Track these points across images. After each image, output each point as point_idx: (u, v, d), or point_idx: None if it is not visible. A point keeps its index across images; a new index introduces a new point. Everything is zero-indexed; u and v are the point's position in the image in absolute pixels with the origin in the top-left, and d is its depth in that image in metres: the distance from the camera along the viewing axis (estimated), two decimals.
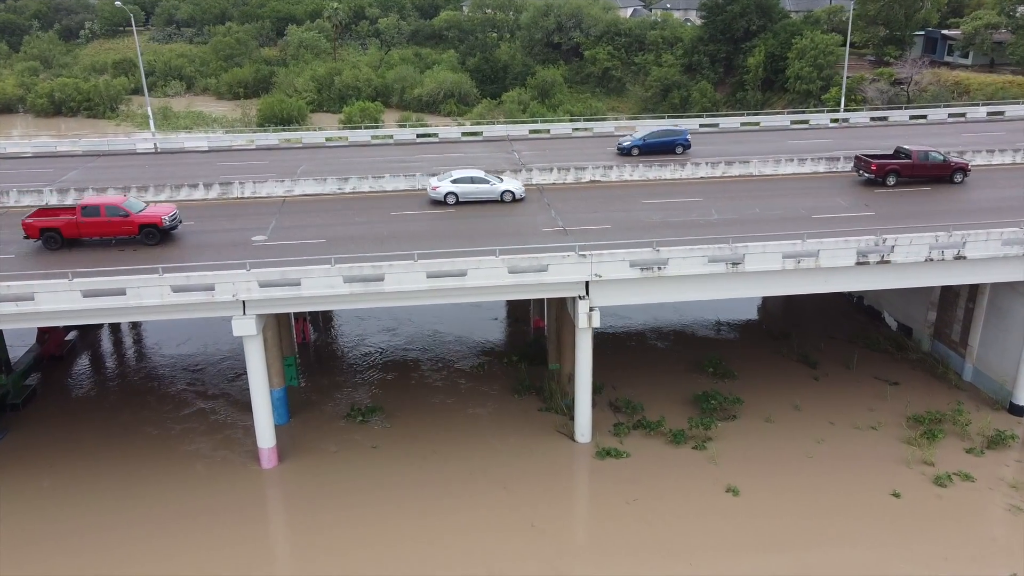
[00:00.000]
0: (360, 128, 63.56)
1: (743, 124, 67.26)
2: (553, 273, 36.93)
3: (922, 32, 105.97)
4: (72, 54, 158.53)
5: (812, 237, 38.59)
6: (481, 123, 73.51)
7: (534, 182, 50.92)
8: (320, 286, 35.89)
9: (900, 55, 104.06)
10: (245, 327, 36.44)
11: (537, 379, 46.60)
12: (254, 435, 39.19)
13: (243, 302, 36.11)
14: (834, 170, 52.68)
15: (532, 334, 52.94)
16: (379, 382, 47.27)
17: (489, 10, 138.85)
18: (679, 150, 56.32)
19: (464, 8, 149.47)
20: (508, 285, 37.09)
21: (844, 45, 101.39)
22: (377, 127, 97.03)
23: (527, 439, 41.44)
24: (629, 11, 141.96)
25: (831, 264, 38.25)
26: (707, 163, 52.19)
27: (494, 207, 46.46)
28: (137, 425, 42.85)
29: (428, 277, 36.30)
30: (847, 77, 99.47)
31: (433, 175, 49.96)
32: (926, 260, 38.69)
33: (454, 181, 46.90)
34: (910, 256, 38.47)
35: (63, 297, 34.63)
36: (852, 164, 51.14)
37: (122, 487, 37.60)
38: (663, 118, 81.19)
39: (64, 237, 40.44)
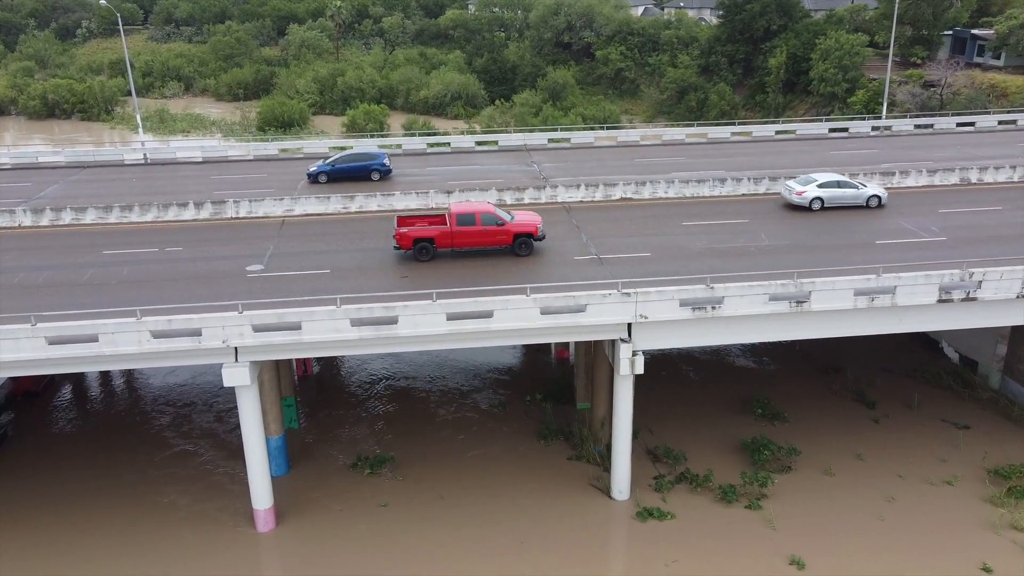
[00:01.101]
0: (365, 136, 58.45)
1: (777, 132, 61.96)
2: (592, 314, 31.69)
3: (950, 32, 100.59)
4: (68, 54, 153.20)
5: (887, 270, 33.40)
6: (496, 131, 68.35)
7: (559, 200, 45.67)
8: (324, 330, 30.67)
9: (927, 56, 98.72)
10: (237, 376, 31.26)
11: (564, 419, 41.41)
12: (248, 488, 33.97)
13: (235, 348, 30.92)
14: (888, 185, 47.40)
15: (556, 366, 47.68)
16: (387, 419, 41.99)
17: (496, 9, 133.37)
18: (375, 176, 50.03)
19: (470, 7, 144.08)
20: (540, 328, 31.88)
21: (871, 45, 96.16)
22: (384, 134, 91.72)
23: (557, 494, 36.22)
24: (640, 10, 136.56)
25: (909, 302, 33.02)
26: (749, 178, 46.90)
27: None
28: (117, 473, 37.57)
29: (448, 319, 31.09)
30: (873, 79, 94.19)
31: (448, 192, 44.75)
32: (1018, 296, 33.45)
33: (821, 185, 43.78)
34: (1000, 292, 33.24)
35: (25, 345, 29.44)
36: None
37: (95, 556, 32.40)
38: (693, 125, 75.88)
39: (437, 248, 37.37)
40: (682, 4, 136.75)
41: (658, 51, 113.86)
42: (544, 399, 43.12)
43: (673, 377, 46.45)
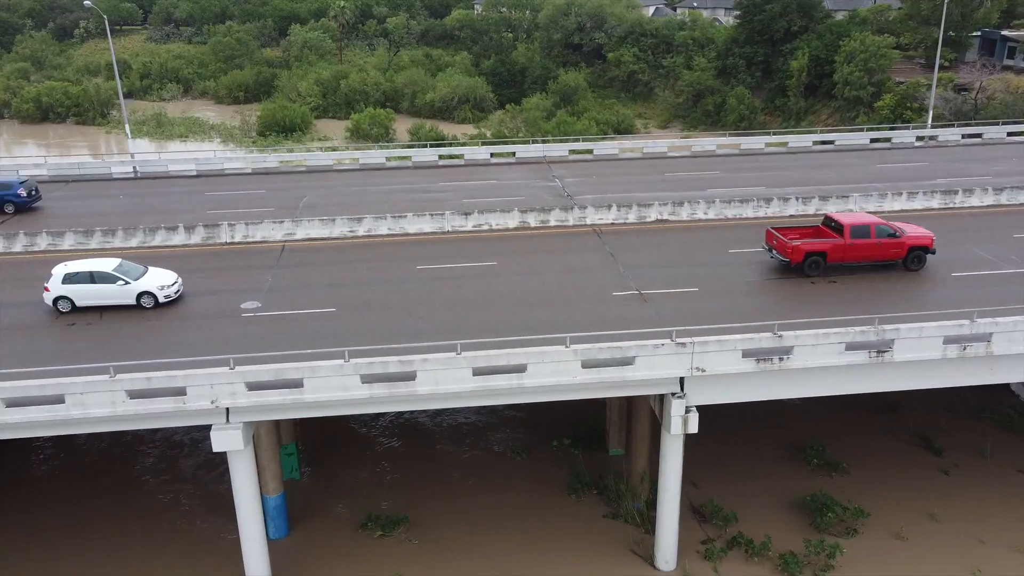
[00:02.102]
0: (372, 148, 53.66)
1: (815, 143, 57.14)
2: (641, 368, 26.95)
3: (978, 33, 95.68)
4: (66, 54, 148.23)
5: (966, 305, 28.69)
6: (512, 141, 63.27)
7: (588, 222, 40.89)
8: (330, 388, 25.94)
9: (955, 58, 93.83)
10: (228, 440, 26.57)
11: (595, 468, 36.65)
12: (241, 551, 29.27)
13: (226, 408, 26.21)
14: (950, 205, 42.64)
15: (582, 403, 42.83)
16: (398, 462, 37.09)
17: (504, 9, 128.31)
18: (9, 208, 43.42)
19: (477, 7, 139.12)
20: (581, 384, 27.15)
21: (903, 48, 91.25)
22: (390, 143, 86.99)
23: (592, 560, 31.50)
24: (651, 10, 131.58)
25: (1007, 351, 28.28)
26: (798, 199, 42.11)
27: (564, 256, 36.51)
28: (89, 527, 32.82)
29: (475, 375, 26.37)
30: (900, 83, 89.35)
31: (466, 214, 40.07)
32: None
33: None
34: None
35: None
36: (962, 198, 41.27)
37: None
38: (725, 134, 71.00)
39: (828, 262, 34.08)
40: (695, 4, 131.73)
41: (672, 53, 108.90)
42: (572, 444, 38.35)
43: (714, 417, 41.65)
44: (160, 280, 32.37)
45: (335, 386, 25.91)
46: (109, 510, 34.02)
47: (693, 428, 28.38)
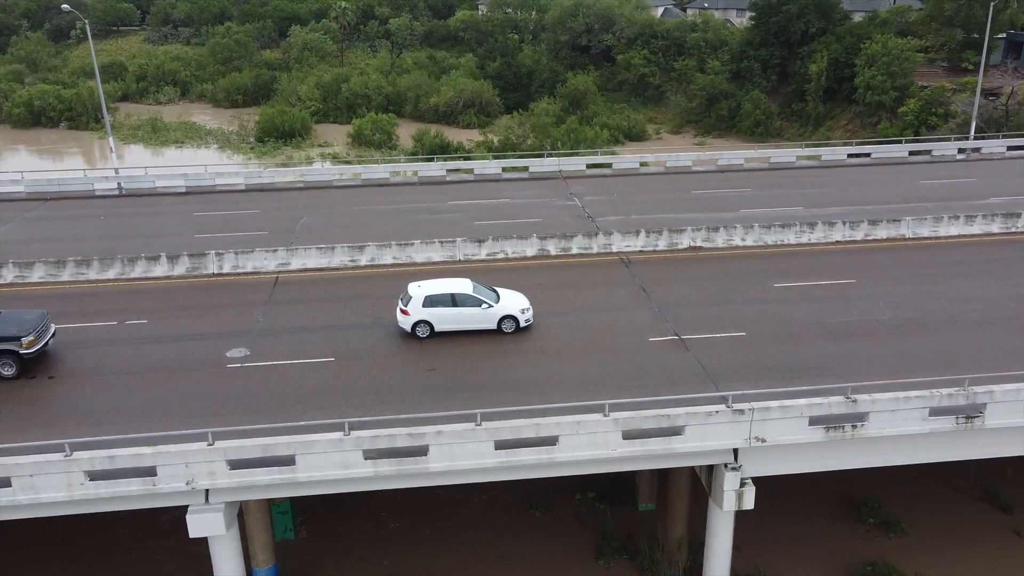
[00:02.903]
0: (376, 163, 49.36)
1: (850, 156, 52.87)
2: (692, 438, 22.77)
3: (1003, 36, 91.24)
4: (61, 56, 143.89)
5: None
6: (525, 153, 58.77)
7: (615, 249, 36.65)
8: (327, 465, 21.78)
9: (979, 61, 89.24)
10: (208, 524, 22.39)
11: (624, 523, 32.45)
12: None
13: (205, 490, 22.05)
14: (1013, 229, 38.39)
15: None
16: (404, 520, 32.97)
17: (509, 10, 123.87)
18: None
19: (481, 7, 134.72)
20: (621, 457, 22.97)
21: (925, 51, 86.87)
22: (393, 149, 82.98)
23: None
24: (660, 11, 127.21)
25: None
26: (845, 223, 37.84)
27: (591, 291, 32.27)
28: None
29: (497, 448, 22.20)
30: (924, 87, 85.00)
31: (479, 241, 35.83)
32: None
33: None
34: None
35: None
36: None
37: None
38: (741, 141, 66.92)
39: None
40: (706, 4, 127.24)
41: (684, 55, 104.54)
42: (598, 498, 34.11)
43: None
44: (518, 303, 29.05)
45: (333, 463, 21.73)
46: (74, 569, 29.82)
47: (749, 503, 24.28)
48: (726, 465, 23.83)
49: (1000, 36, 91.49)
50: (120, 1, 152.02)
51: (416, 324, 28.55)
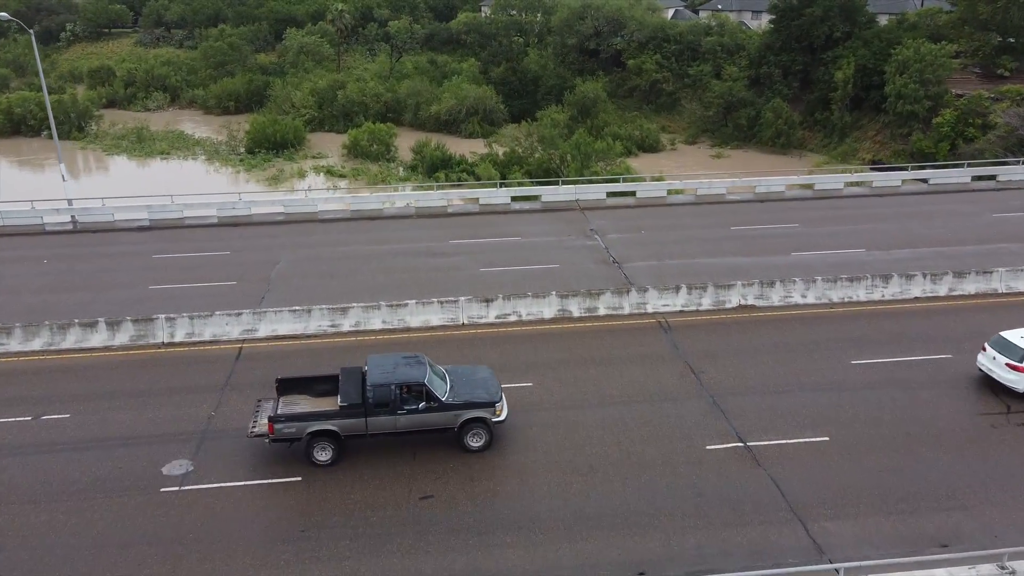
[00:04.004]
0: (366, 192, 42.50)
1: (904, 181, 46.14)
2: None
3: None
4: (50, 59, 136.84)
5: None
6: (539, 183, 51.67)
7: (650, 309, 29.94)
8: None
9: (1016, 66, 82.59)
10: None
11: None
12: None
13: None
14: None
15: None
16: None
17: (514, 12, 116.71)
18: None
19: (484, 9, 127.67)
20: None
21: (956, 56, 79.92)
22: (391, 168, 76.21)
23: None
24: (670, 13, 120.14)
25: None
26: (925, 275, 31.09)
27: (624, 370, 25.51)
28: None
29: None
30: (960, 96, 78.10)
31: (487, 300, 29.12)
32: None
33: None
34: None
35: None
36: None
37: None
38: (797, 174, 60.48)
39: None
40: (719, 6, 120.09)
41: (699, 60, 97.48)
42: None
43: None
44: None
45: None
46: None
47: None
48: None
49: None
50: (112, 2, 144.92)
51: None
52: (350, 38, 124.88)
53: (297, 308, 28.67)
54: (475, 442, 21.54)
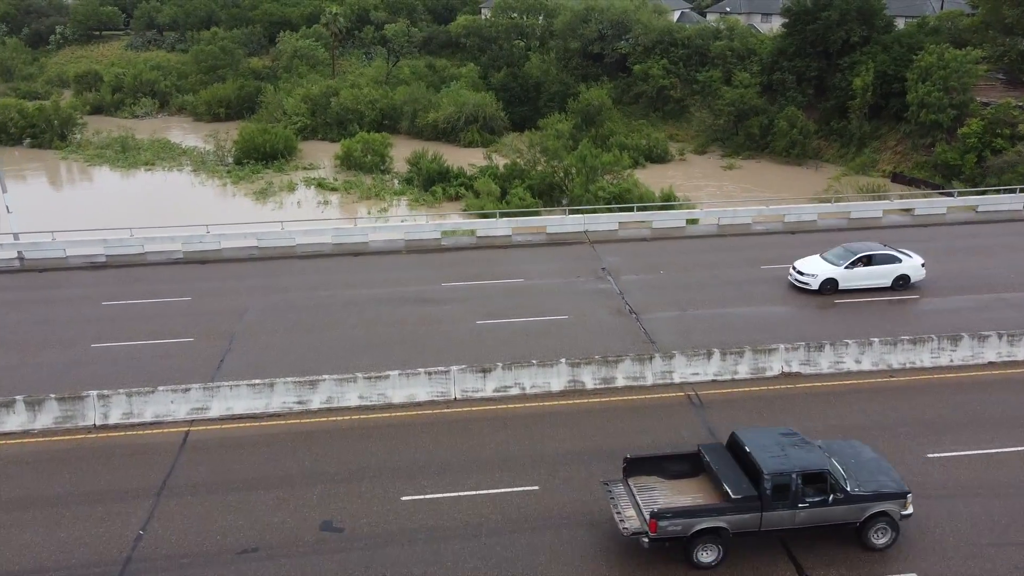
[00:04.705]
0: (350, 222, 37.30)
1: (950, 209, 41.07)
2: None
3: None
4: (38, 63, 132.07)
5: None
6: (534, 208, 46.81)
7: (677, 379, 24.96)
8: None
9: None
10: None
11: None
12: None
13: None
14: None
15: None
16: None
17: (515, 14, 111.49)
18: None
19: (484, 11, 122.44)
20: None
21: (981, 61, 74.76)
22: (386, 182, 71.20)
23: None
24: (676, 15, 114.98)
25: None
26: (1000, 335, 26.05)
27: None
28: None
29: None
30: (986, 105, 72.99)
31: (484, 370, 24.17)
32: None
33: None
34: None
35: None
36: None
37: None
38: (829, 200, 55.52)
39: None
40: (728, 9, 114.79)
41: (708, 66, 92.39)
42: None
43: None
44: None
45: None
46: None
47: None
48: None
49: None
50: (103, 4, 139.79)
51: None
52: (345, 42, 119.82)
53: (257, 382, 23.68)
54: (880, 539, 17.72)
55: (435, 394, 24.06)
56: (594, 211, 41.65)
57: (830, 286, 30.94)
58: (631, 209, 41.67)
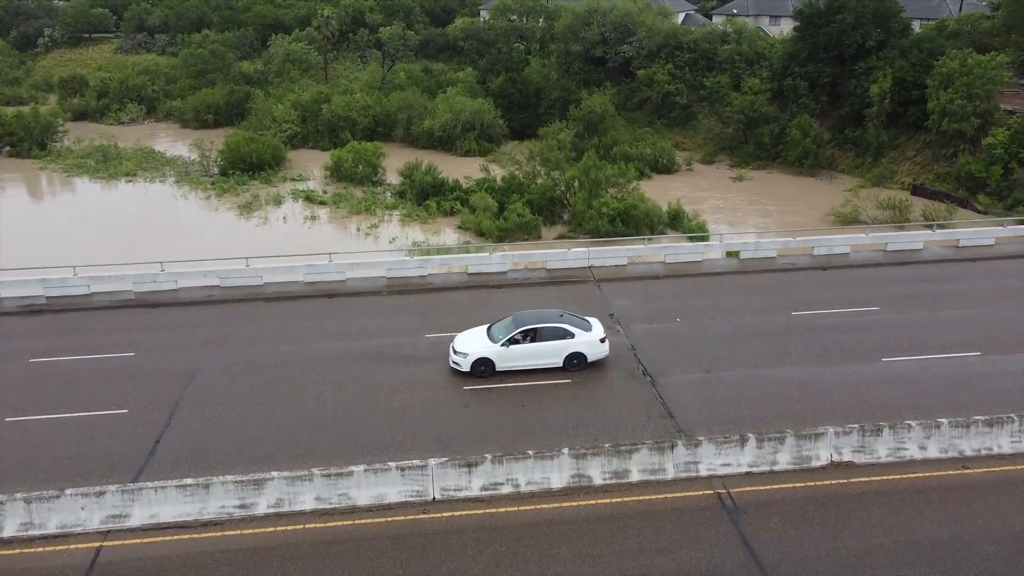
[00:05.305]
0: (324, 258, 32.46)
1: (999, 240, 36.30)
2: None
3: None
4: (26, 67, 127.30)
5: None
6: (534, 241, 42.14)
7: (704, 472, 20.27)
8: None
9: None
10: None
11: None
12: None
13: None
14: None
15: None
16: None
17: (514, 17, 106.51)
18: None
19: (483, 13, 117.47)
20: None
21: (1005, 66, 69.94)
22: (377, 195, 66.36)
23: None
24: (681, 17, 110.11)
25: None
26: None
27: None
28: None
29: None
30: (1012, 114, 68.15)
31: (469, 466, 19.53)
32: None
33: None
34: None
35: None
36: None
37: None
38: (864, 232, 51.06)
39: None
40: (735, 11, 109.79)
41: (715, 70, 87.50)
42: None
43: None
44: None
45: None
46: None
47: None
48: None
49: None
50: (93, 6, 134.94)
51: None
52: (339, 45, 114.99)
53: (189, 482, 19.01)
54: None
55: (409, 494, 19.41)
56: (601, 243, 36.84)
57: (484, 367, 25.04)
58: (643, 240, 36.81)
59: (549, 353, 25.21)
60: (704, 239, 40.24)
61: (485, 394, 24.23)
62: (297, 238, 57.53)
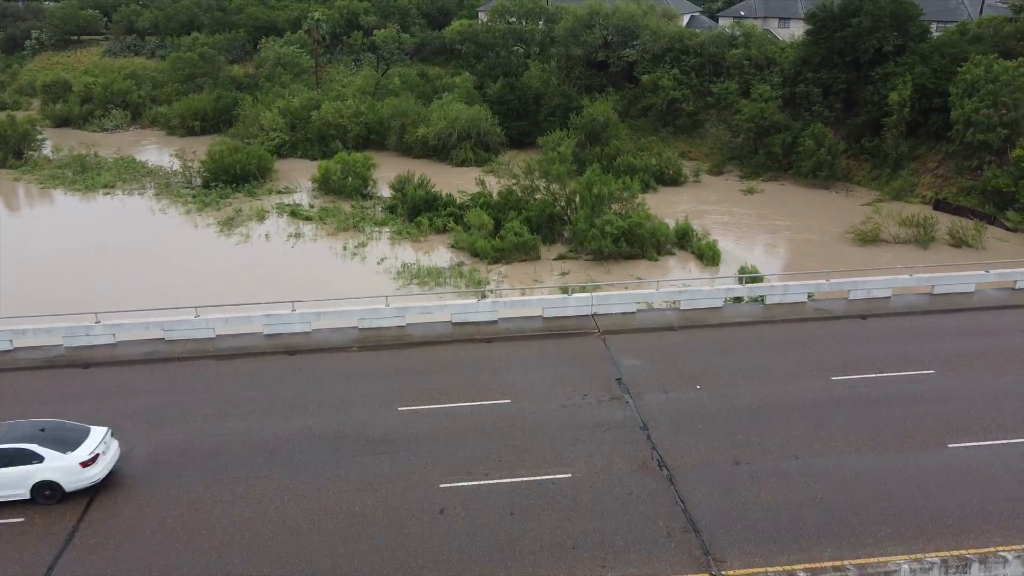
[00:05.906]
0: (287, 307, 27.63)
1: None
2: None
3: None
4: (11, 70, 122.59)
5: None
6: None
7: None
8: None
9: None
10: None
11: None
12: None
13: None
14: None
15: None
16: None
17: (513, 19, 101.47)
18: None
19: (481, 15, 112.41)
20: None
21: None
22: (367, 209, 61.34)
23: None
24: (685, 19, 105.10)
25: None
26: None
27: None
28: None
29: None
30: None
31: None
32: None
33: None
34: None
35: None
36: None
37: None
38: (907, 274, 46.14)
39: None
40: (742, 12, 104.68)
41: (723, 76, 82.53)
42: None
43: None
44: None
45: None
46: None
47: None
48: None
49: None
50: (83, 8, 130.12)
51: None
52: (333, 48, 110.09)
53: None
54: None
55: None
56: (605, 286, 32.01)
57: None
58: (654, 286, 31.78)
59: (11, 483, 19.71)
60: (722, 278, 35.44)
61: (457, 494, 19.46)
62: (277, 260, 52.90)
